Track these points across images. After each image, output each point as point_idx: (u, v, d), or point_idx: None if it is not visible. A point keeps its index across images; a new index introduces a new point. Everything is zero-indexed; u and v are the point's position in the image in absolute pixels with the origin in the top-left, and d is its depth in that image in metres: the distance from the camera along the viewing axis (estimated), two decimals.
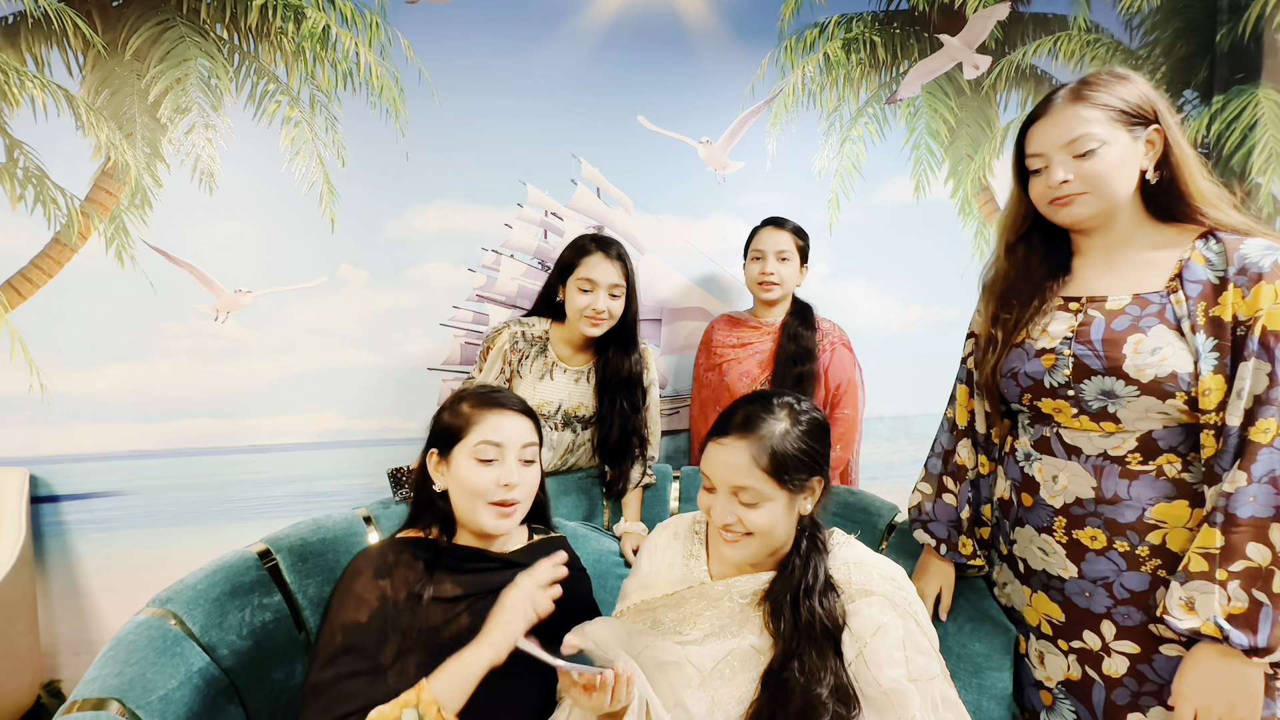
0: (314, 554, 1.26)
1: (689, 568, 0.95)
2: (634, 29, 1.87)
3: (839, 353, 1.68)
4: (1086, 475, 0.91)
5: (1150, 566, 0.88)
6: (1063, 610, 0.96)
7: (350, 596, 0.90)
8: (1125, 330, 0.88)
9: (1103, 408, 0.89)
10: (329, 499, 1.84)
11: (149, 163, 1.71)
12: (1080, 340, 0.91)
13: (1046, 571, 0.97)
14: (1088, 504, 0.91)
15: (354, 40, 1.76)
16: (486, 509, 0.95)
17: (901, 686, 0.78)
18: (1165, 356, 0.84)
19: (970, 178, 2.08)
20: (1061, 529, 0.94)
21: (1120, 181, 0.88)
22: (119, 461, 1.74)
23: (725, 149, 1.96)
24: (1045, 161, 0.91)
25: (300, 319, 1.80)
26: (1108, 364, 0.88)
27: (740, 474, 0.84)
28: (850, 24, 1.99)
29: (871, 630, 0.81)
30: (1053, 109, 0.90)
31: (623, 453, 1.49)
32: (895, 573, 0.89)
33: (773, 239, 1.66)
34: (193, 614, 1.08)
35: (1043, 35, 2.07)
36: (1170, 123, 0.88)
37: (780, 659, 0.81)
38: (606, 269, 1.43)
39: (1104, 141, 0.87)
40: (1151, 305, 0.88)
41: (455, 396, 1.03)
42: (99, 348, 1.71)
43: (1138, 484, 0.88)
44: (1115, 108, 0.87)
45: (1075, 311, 0.94)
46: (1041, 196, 0.93)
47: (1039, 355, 0.94)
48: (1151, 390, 0.85)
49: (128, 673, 0.95)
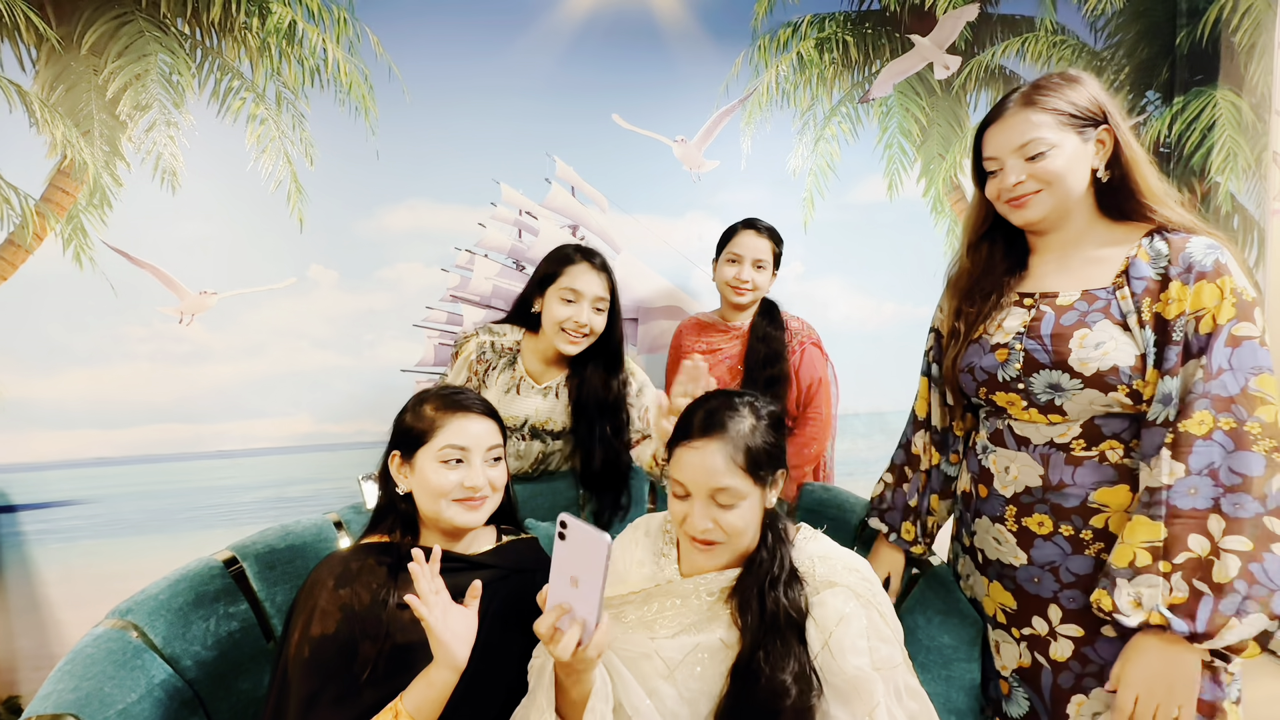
0: (282, 561, 1.23)
1: (659, 565, 0.96)
2: (608, 27, 1.86)
3: (809, 352, 1.67)
4: (1035, 464, 0.94)
5: (1094, 550, 0.91)
6: (1014, 598, 0.98)
7: (316, 610, 0.88)
8: (1072, 325, 0.90)
9: (1050, 400, 0.92)
10: (300, 504, 1.80)
11: (108, 161, 1.66)
12: (1031, 335, 0.94)
13: (1000, 560, 1.00)
14: (1035, 491, 0.94)
15: (321, 36, 1.73)
16: (452, 505, 0.94)
17: (866, 675, 0.78)
18: (1108, 350, 0.87)
19: (942, 176, 2.11)
20: (1012, 517, 0.97)
21: (1071, 181, 0.91)
22: (80, 469, 1.69)
23: (700, 148, 1.96)
24: (1000, 164, 0.94)
25: (269, 321, 1.77)
26: (1054, 358, 0.90)
27: (720, 475, 0.83)
28: (823, 24, 2.00)
29: (836, 620, 0.82)
30: (1005, 114, 0.93)
31: (608, 482, 1.41)
32: (859, 564, 0.90)
33: (753, 245, 1.62)
34: (154, 625, 1.05)
35: (1011, 36, 2.11)
36: (1119, 123, 0.91)
37: (747, 650, 0.82)
38: (592, 280, 1.35)
39: (1053, 145, 0.89)
40: (1098, 301, 0.90)
41: (417, 398, 1.01)
42: (57, 352, 1.66)
43: (1081, 470, 0.91)
44: (1064, 111, 0.90)
45: (1029, 307, 0.96)
46: (997, 196, 0.96)
47: (993, 350, 0.97)
48: (1094, 383, 0.88)
49: (84, 687, 0.92)
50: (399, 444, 0.99)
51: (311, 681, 0.84)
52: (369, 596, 0.89)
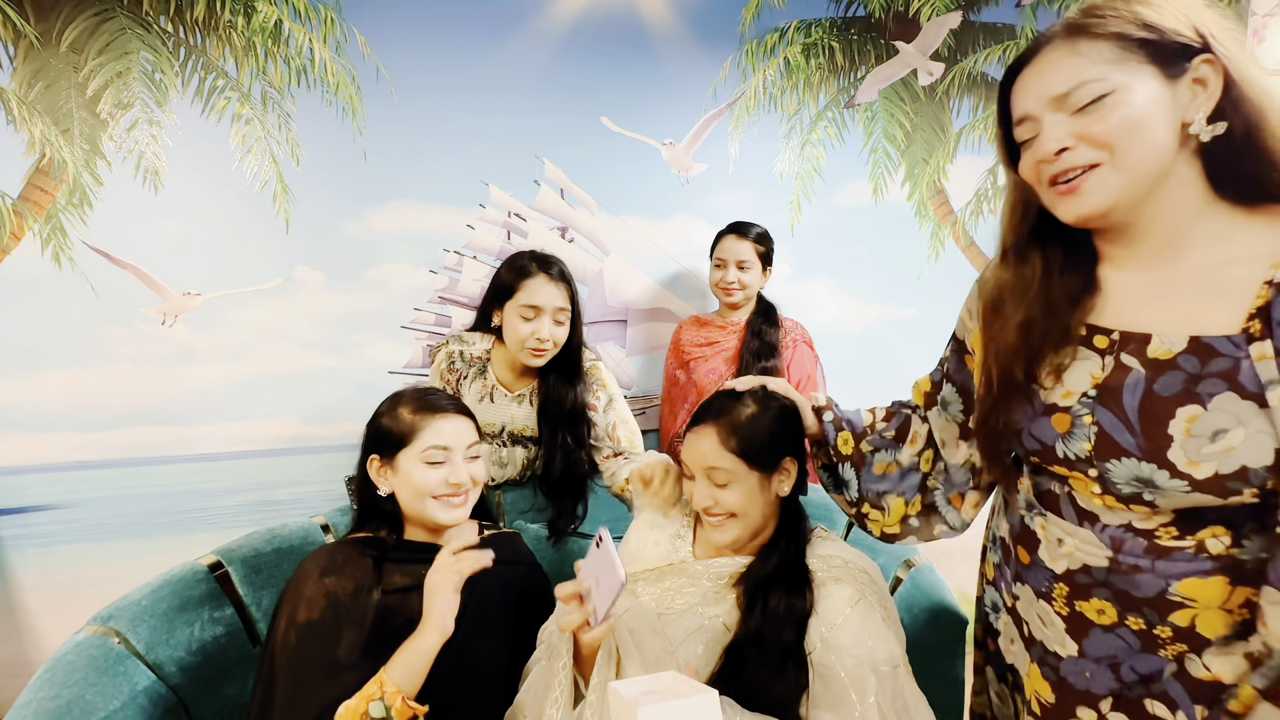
0: (269, 565, 1.23)
1: (674, 546, 0.99)
2: (596, 30, 1.87)
3: (800, 349, 1.75)
4: (1101, 547, 0.67)
5: (1172, 652, 0.64)
6: (1053, 690, 0.73)
7: (301, 599, 0.91)
8: (1174, 397, 0.59)
9: (1137, 494, 0.63)
10: (286, 507, 1.79)
11: (88, 160, 1.63)
12: (1106, 402, 0.63)
13: (1044, 645, 0.74)
14: (1097, 573, 0.67)
15: (308, 36, 1.72)
16: (434, 503, 0.98)
17: (861, 673, 0.79)
18: (1234, 445, 0.56)
19: (925, 181, 2.14)
20: (1062, 598, 0.71)
21: (1149, 143, 0.58)
22: (58, 473, 1.66)
23: (688, 151, 1.98)
24: (1035, 128, 0.63)
25: (254, 322, 1.75)
26: (1146, 447, 0.60)
27: (710, 456, 0.89)
28: (809, 29, 2.02)
29: (838, 617, 0.83)
30: (1044, 49, 0.63)
31: (565, 488, 1.37)
32: (869, 566, 0.92)
33: (734, 248, 1.70)
34: (137, 631, 1.04)
35: (992, 44, 2.15)
36: (1231, 51, 0.58)
37: (744, 636, 0.84)
38: (550, 292, 1.30)
39: (1116, 87, 0.58)
40: (1218, 360, 0.57)
41: (391, 402, 1.04)
42: (35, 354, 1.63)
43: (1166, 561, 0.64)
44: (1132, 37, 0.58)
45: (1103, 351, 0.65)
46: (1036, 176, 0.65)
47: (1048, 413, 0.67)
48: (1209, 488, 0.58)
49: (65, 695, 0.91)
50: (377, 448, 1.01)
51: (298, 666, 0.87)
52: (353, 585, 0.93)
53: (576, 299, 1.36)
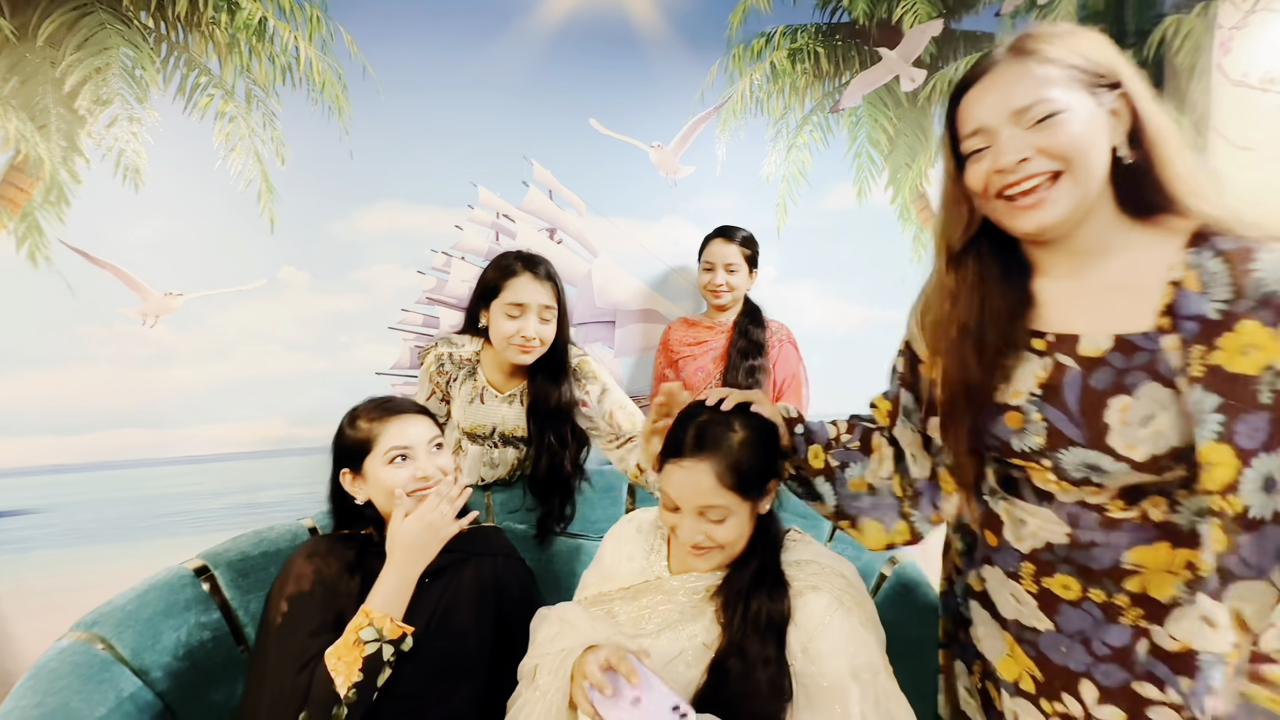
0: (256, 568, 1.22)
1: (649, 562, 0.98)
2: (585, 32, 1.88)
3: (785, 349, 1.80)
4: (1060, 523, 0.75)
5: (1131, 618, 0.72)
6: (1039, 668, 0.79)
7: (289, 578, 0.96)
8: (1107, 390, 0.67)
9: (1086, 478, 0.70)
10: (272, 509, 1.76)
11: (65, 157, 1.60)
12: (1051, 400, 0.70)
13: (1019, 622, 0.81)
14: (1059, 550, 0.75)
15: (293, 34, 1.70)
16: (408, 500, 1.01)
17: (843, 682, 0.79)
18: (1161, 429, 0.64)
19: (908, 185, 2.19)
20: (1030, 576, 0.78)
21: (1097, 158, 0.66)
22: (34, 477, 1.62)
23: (676, 154, 1.99)
24: (989, 139, 0.68)
25: (238, 323, 1.72)
26: (1088, 435, 0.68)
27: (706, 494, 0.83)
28: (795, 35, 2.05)
29: (817, 626, 0.82)
30: (994, 68, 0.68)
31: (551, 488, 1.38)
32: (846, 570, 0.91)
33: (722, 252, 1.75)
34: (122, 636, 1.03)
35: (973, 51, 2.19)
36: (1138, 89, 0.67)
37: (725, 649, 0.83)
38: (536, 290, 1.31)
39: (1067, 106, 0.65)
40: (1139, 354, 0.66)
41: (349, 418, 1.08)
42: (10, 354, 1.59)
43: (1118, 532, 0.72)
44: (1074, 65, 0.66)
45: (1042, 353, 0.72)
46: (989, 185, 0.69)
47: (1001, 412, 0.74)
48: (1149, 469, 0.66)
49: (49, 702, 0.89)
50: (345, 462, 1.06)
51: (291, 635, 0.91)
52: (338, 564, 0.99)
53: (563, 298, 1.36)
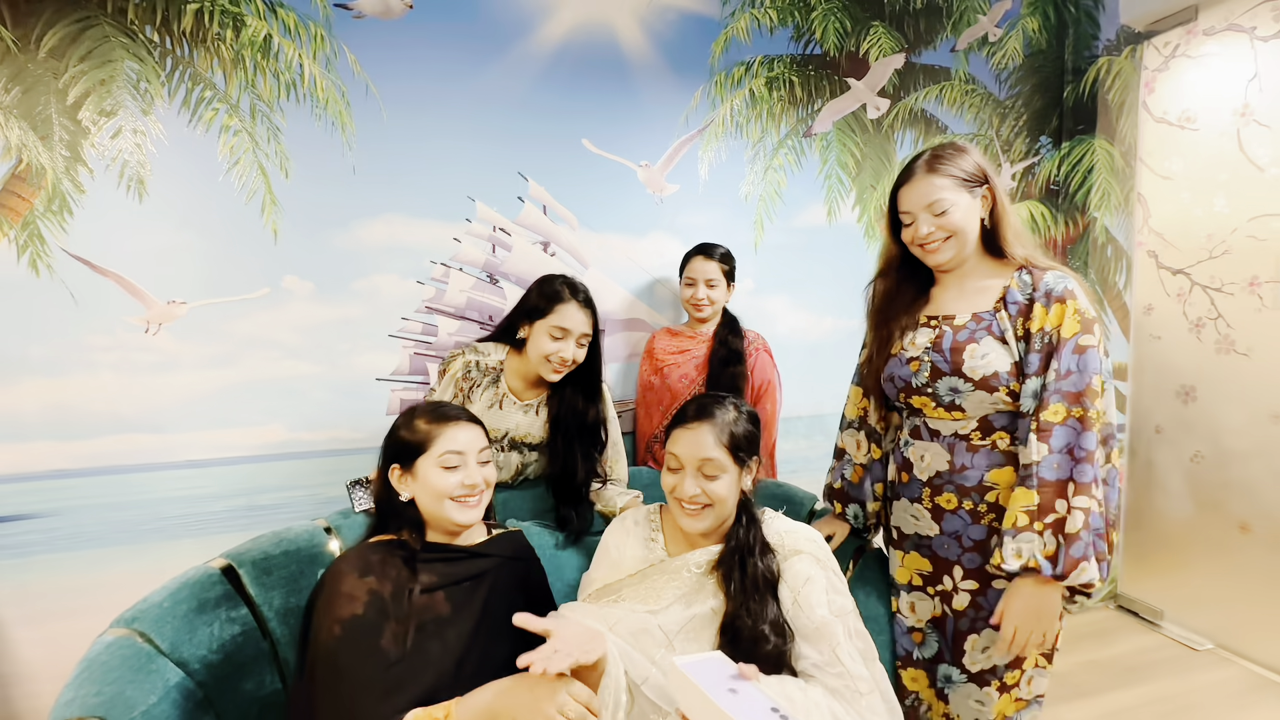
0: (277, 566, 1.29)
1: (649, 549, 1.12)
2: (577, 58, 1.99)
3: (761, 357, 1.94)
4: (943, 452, 1.18)
5: (987, 520, 1.15)
6: (930, 563, 1.22)
7: (340, 596, 0.97)
8: (965, 341, 1.14)
9: (952, 400, 1.15)
10: (273, 512, 1.82)
11: (68, 167, 1.62)
12: (935, 349, 1.17)
13: (918, 534, 1.23)
14: (945, 475, 1.18)
15: (297, 51, 1.76)
16: (452, 504, 1.07)
17: (828, 621, 1.00)
18: (990, 360, 1.12)
19: (873, 205, 2.37)
20: (927, 497, 1.20)
21: (968, 229, 1.15)
22: (35, 482, 1.64)
23: (662, 172, 2.12)
24: (913, 218, 1.17)
25: (241, 331, 1.77)
26: (952, 367, 1.14)
27: (707, 449, 1.04)
28: (772, 64, 2.21)
29: (803, 580, 1.03)
30: (914, 177, 1.16)
31: (581, 494, 1.49)
32: (815, 535, 1.13)
33: (702, 268, 1.88)
34: (161, 631, 1.10)
35: (931, 84, 2.40)
36: (996, 184, 1.16)
37: (733, 610, 1.00)
38: (580, 318, 1.44)
39: (954, 203, 1.13)
40: (984, 321, 1.14)
41: (406, 416, 1.13)
42: (12, 361, 1.61)
43: (978, 456, 1.15)
44: (959, 175, 1.14)
45: (934, 327, 1.20)
46: (912, 242, 1.20)
47: (908, 362, 1.21)
48: (982, 386, 1.12)
49: (107, 691, 0.96)
50: (397, 457, 1.10)
51: (344, 659, 0.93)
52: (392, 585, 1.00)
53: (598, 325, 1.49)
